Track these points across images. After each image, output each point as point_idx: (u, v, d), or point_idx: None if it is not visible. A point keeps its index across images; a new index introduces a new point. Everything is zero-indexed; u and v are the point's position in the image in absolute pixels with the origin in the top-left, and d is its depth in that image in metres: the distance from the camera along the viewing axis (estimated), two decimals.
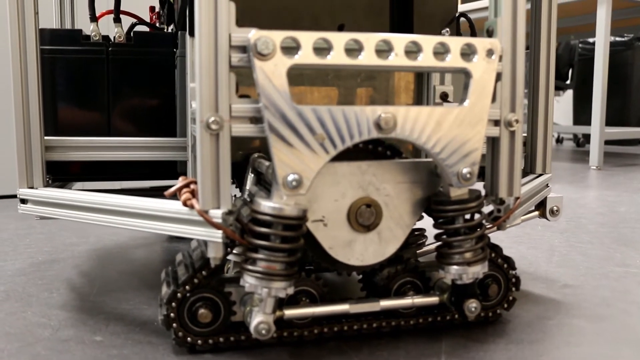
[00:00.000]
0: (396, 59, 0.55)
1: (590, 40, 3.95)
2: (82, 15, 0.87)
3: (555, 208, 0.87)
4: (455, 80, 0.82)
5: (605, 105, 2.49)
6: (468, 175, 0.59)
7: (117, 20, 0.79)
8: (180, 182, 0.58)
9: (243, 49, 0.52)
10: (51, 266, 0.94)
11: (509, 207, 0.64)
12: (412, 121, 0.56)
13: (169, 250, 1.06)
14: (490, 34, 0.62)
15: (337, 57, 0.53)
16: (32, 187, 0.71)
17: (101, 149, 0.75)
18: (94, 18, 0.78)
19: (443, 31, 0.75)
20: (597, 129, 2.50)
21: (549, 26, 0.82)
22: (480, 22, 0.90)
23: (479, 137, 0.59)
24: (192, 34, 0.67)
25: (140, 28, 0.94)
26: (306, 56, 0.52)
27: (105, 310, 0.74)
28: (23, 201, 0.71)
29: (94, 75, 0.76)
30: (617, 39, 3.88)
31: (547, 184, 0.89)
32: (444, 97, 0.78)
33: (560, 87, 4.09)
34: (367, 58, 0.54)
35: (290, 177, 0.53)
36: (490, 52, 0.58)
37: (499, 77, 0.61)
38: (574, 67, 4.03)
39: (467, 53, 0.58)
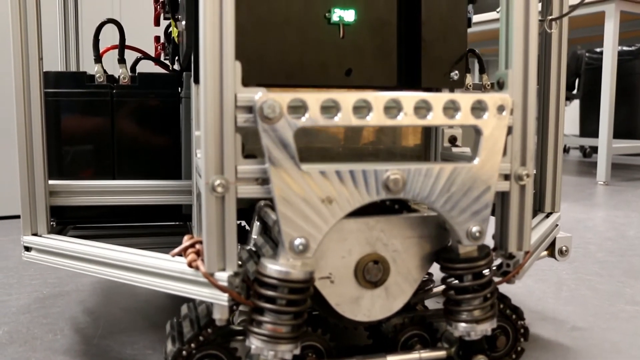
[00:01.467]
0: (405, 118, 0.54)
1: (597, 49, 3.93)
2: (87, 55, 0.86)
3: (564, 248, 0.86)
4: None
5: (613, 119, 2.47)
6: (477, 234, 0.58)
7: (121, 61, 0.78)
8: (185, 241, 0.57)
9: (249, 109, 0.52)
10: (56, 302, 0.94)
11: (518, 262, 0.63)
12: (421, 181, 0.55)
13: None
14: (501, 85, 0.61)
15: (345, 118, 0.52)
16: (36, 234, 0.71)
17: (106, 193, 0.74)
18: (98, 59, 0.78)
19: (452, 73, 0.74)
20: (604, 144, 2.48)
21: (558, 72, 0.81)
22: (494, 33, 0.87)
23: (489, 194, 0.58)
24: (196, 81, 0.67)
25: (141, 63, 0.94)
26: (313, 118, 0.52)
27: (110, 356, 0.73)
28: (27, 248, 0.70)
29: (99, 118, 0.76)
30: (625, 48, 3.86)
31: (557, 224, 0.88)
32: (453, 140, 0.77)
33: (567, 97, 4.06)
34: (376, 118, 0.53)
35: (297, 242, 0.52)
36: (501, 108, 0.57)
37: (509, 130, 0.60)
38: (580, 77, 4.01)
39: (478, 109, 0.57)
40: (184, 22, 0.69)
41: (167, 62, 0.99)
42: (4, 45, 0.74)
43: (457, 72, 0.74)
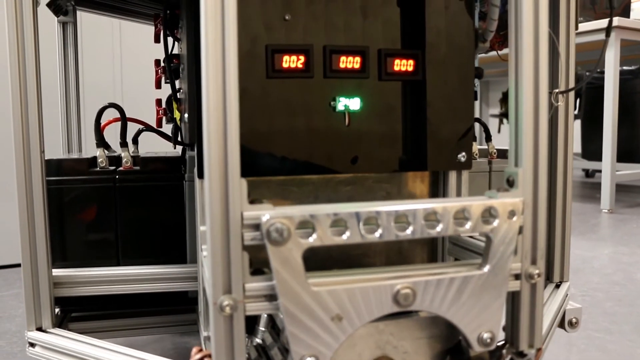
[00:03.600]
0: (415, 231, 0.53)
1: (598, 69, 3.93)
2: (89, 138, 0.86)
3: (574, 320, 0.85)
4: (472, 183, 0.80)
5: (616, 148, 2.47)
6: (489, 340, 0.57)
7: (123, 144, 0.78)
8: (194, 354, 0.56)
9: (256, 226, 0.51)
10: None
11: None
12: (431, 293, 0.54)
13: (179, 347, 1.04)
14: (511, 184, 0.60)
15: (354, 236, 0.52)
16: (40, 328, 0.70)
17: (110, 282, 0.74)
18: (100, 144, 0.77)
19: (459, 155, 0.73)
20: (607, 173, 2.47)
21: (565, 144, 0.80)
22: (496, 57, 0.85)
23: (500, 300, 0.57)
24: (200, 175, 0.66)
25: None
26: (322, 237, 0.51)
27: None
28: (32, 344, 0.69)
29: (102, 203, 0.75)
30: (625, 67, 3.86)
31: (567, 294, 0.87)
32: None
33: None
34: (386, 233, 0.52)
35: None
36: (512, 213, 0.56)
37: (520, 230, 0.59)
38: (581, 97, 4.01)
39: (488, 216, 0.56)
40: (186, 115, 0.69)
41: (171, 118, 0.98)
42: (6, 139, 0.73)
43: (464, 153, 0.73)
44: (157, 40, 0.99)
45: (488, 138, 0.93)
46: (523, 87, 0.58)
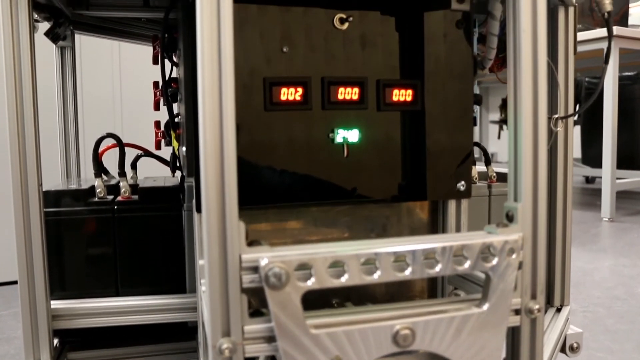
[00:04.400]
0: (413, 271, 0.53)
1: (597, 75, 3.93)
2: (88, 163, 0.85)
3: (575, 345, 0.85)
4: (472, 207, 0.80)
5: (616, 157, 2.46)
6: None
7: (122, 174, 0.78)
8: None
9: (255, 268, 0.51)
10: None
11: None
12: (430, 333, 0.54)
13: None
14: (510, 219, 0.60)
15: (353, 278, 0.51)
16: None
17: (110, 314, 0.73)
18: (98, 174, 0.77)
19: (459, 184, 0.73)
20: (607, 181, 2.47)
21: (565, 170, 0.80)
22: None
23: (500, 336, 0.57)
24: (198, 209, 0.66)
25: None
26: (321, 280, 0.51)
27: None
28: None
29: (101, 234, 0.75)
30: (624, 73, 3.86)
31: (568, 318, 0.86)
32: None
33: None
34: (385, 275, 0.52)
35: None
36: (511, 251, 0.56)
37: (519, 265, 0.59)
38: (581, 103, 4.00)
39: (487, 254, 0.56)
40: (184, 149, 0.68)
41: (169, 142, 0.98)
42: (3, 169, 0.73)
43: (463, 182, 0.73)
44: (155, 62, 0.98)
45: (487, 162, 0.93)
46: (522, 121, 0.58)
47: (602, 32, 2.41)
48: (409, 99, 0.69)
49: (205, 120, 0.49)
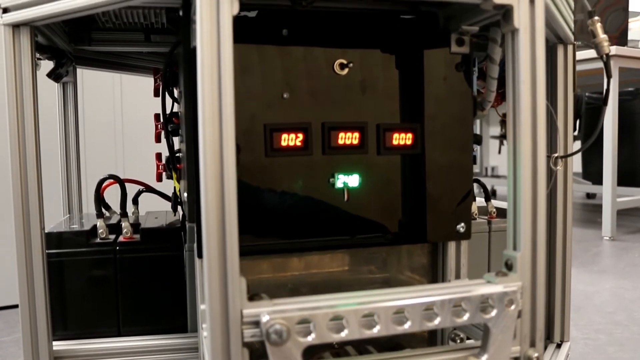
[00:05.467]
0: (412, 325, 0.53)
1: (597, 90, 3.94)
2: (90, 195, 0.86)
3: None
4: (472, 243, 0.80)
5: (617, 174, 2.47)
6: None
7: (124, 215, 0.78)
8: None
9: (256, 323, 0.51)
10: None
11: None
12: None
13: None
14: (509, 267, 0.60)
15: (353, 333, 0.52)
16: None
17: (111, 355, 0.74)
18: (100, 214, 0.78)
19: (458, 226, 0.73)
20: (608, 200, 2.48)
21: (564, 209, 0.80)
22: None
23: None
24: (200, 255, 0.66)
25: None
26: (321, 335, 0.51)
27: None
28: None
29: (103, 274, 0.75)
30: (624, 89, 3.87)
31: (568, 354, 0.87)
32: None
33: None
34: (384, 329, 0.52)
35: None
36: (510, 302, 0.56)
37: (518, 314, 0.59)
38: (581, 118, 4.01)
39: (486, 306, 0.56)
40: (185, 195, 0.69)
41: (170, 176, 0.99)
42: (6, 212, 0.73)
43: (463, 224, 0.74)
44: (156, 94, 0.99)
45: (487, 198, 0.93)
46: (521, 168, 0.58)
47: None
48: (409, 142, 0.70)
49: (207, 169, 0.49)
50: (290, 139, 0.66)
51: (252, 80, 0.64)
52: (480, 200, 0.98)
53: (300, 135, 0.66)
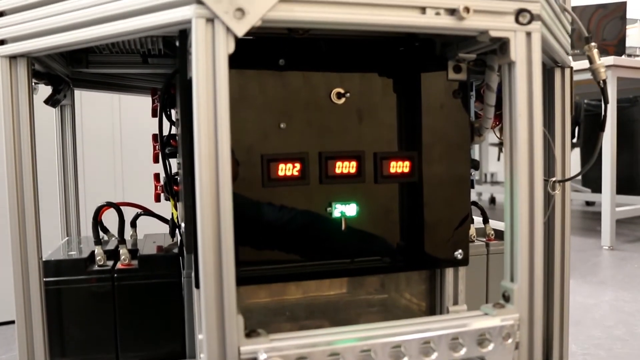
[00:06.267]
0: (410, 359, 0.53)
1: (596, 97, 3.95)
2: (89, 220, 0.86)
3: None
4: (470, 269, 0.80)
5: (615, 184, 2.47)
6: None
7: (122, 242, 0.78)
8: None
9: (254, 359, 0.51)
10: None
11: None
12: None
13: None
14: (506, 299, 0.60)
15: None
16: None
17: None
18: (98, 242, 0.77)
19: (456, 252, 0.73)
20: (607, 209, 2.48)
21: (562, 235, 0.80)
22: None
23: None
24: (197, 286, 0.66)
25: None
26: None
27: None
28: None
29: (101, 302, 0.75)
30: (623, 96, 3.87)
31: None
32: None
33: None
34: None
35: None
36: (507, 336, 0.56)
37: (516, 346, 0.59)
38: (580, 125, 4.01)
39: (484, 340, 0.56)
40: (183, 225, 0.69)
41: (167, 198, 0.98)
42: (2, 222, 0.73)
43: (461, 251, 0.73)
44: (154, 115, 0.99)
45: (485, 220, 0.93)
46: (518, 205, 0.58)
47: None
48: (406, 170, 0.70)
49: (203, 203, 0.49)
50: (287, 169, 0.66)
51: (249, 111, 0.64)
52: (478, 221, 0.98)
53: (297, 165, 0.66)
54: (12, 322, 1.58)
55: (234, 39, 0.49)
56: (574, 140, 4.08)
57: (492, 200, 4.50)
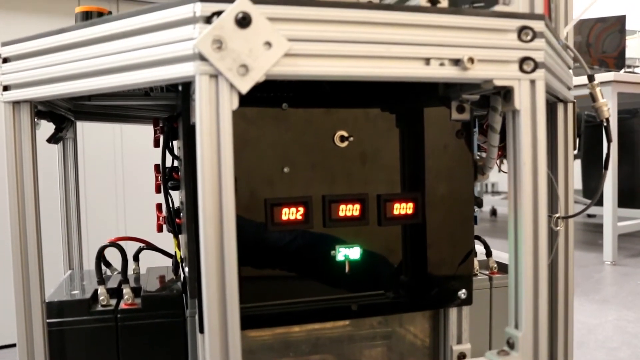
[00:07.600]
0: None
1: None
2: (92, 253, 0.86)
3: None
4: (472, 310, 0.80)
5: (617, 200, 2.47)
6: None
7: (125, 281, 0.78)
8: None
9: None
10: None
11: None
12: None
13: None
14: (511, 346, 0.60)
15: None
16: None
17: None
18: (101, 281, 0.77)
19: (459, 292, 0.73)
20: (609, 225, 2.47)
21: (566, 271, 0.80)
22: None
23: None
24: (201, 330, 0.66)
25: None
26: None
27: None
28: None
29: (104, 342, 0.75)
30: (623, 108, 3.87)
31: None
32: (462, 358, 0.76)
33: None
34: None
35: None
36: None
37: None
38: (580, 137, 4.00)
39: None
40: (187, 269, 0.69)
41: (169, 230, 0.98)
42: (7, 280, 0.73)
43: (464, 290, 0.73)
44: (156, 145, 0.99)
45: (488, 253, 0.93)
46: (522, 252, 0.58)
47: (601, 76, 2.42)
48: (409, 211, 0.70)
49: (207, 247, 0.49)
50: (290, 213, 0.66)
51: (253, 156, 0.64)
52: (480, 251, 0.98)
53: (301, 209, 0.66)
54: (13, 345, 1.57)
55: (237, 95, 0.49)
56: (575, 151, 4.08)
57: (494, 212, 4.50)
